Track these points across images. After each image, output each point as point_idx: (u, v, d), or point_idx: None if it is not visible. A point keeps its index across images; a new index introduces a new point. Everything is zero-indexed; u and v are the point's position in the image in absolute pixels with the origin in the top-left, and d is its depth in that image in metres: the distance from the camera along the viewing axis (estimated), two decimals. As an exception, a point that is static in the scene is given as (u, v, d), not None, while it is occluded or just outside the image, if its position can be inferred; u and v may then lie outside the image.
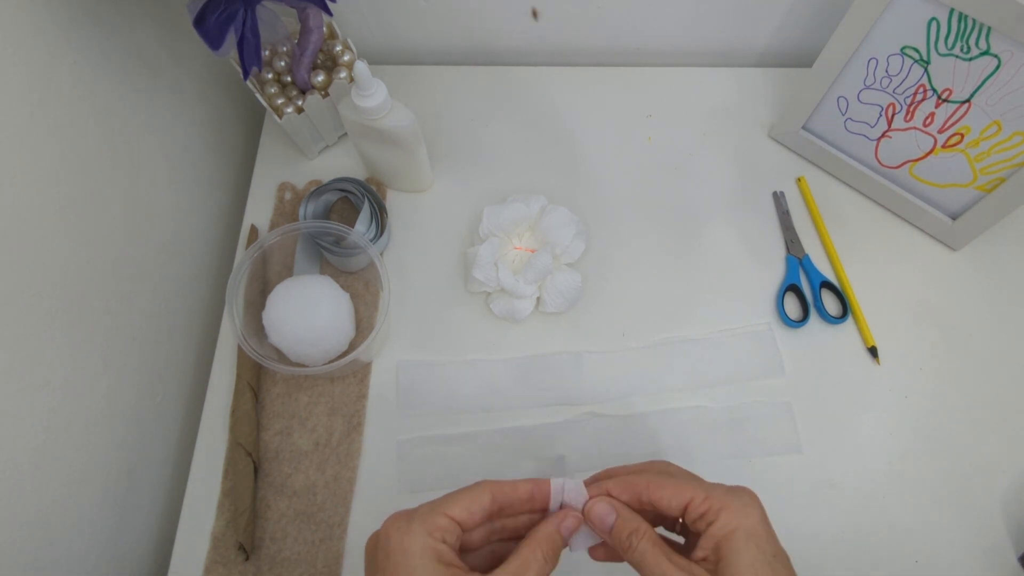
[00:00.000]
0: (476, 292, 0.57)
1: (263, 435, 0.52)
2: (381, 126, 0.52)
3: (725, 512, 0.32)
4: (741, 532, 0.31)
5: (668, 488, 0.33)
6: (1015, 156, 0.52)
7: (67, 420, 0.42)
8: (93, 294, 0.44)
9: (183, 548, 0.48)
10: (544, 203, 0.57)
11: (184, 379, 0.56)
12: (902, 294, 0.59)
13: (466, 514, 0.32)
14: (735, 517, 0.31)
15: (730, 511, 0.32)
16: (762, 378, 0.55)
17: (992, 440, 0.53)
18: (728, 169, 0.65)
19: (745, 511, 0.32)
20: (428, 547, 0.30)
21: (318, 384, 0.54)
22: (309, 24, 0.53)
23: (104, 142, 0.45)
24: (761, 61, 0.73)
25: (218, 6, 0.43)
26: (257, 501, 0.50)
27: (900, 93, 0.55)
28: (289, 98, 0.57)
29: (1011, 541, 0.50)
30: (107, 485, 0.46)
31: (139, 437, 0.50)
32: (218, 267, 0.62)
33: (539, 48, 0.71)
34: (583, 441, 0.52)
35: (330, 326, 0.50)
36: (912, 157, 0.58)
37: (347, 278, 0.57)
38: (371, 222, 0.55)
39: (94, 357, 0.44)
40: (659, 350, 0.56)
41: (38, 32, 0.39)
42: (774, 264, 0.60)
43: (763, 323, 0.57)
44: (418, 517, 0.31)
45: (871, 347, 0.56)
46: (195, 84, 0.58)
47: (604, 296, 0.58)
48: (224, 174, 0.64)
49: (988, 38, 0.48)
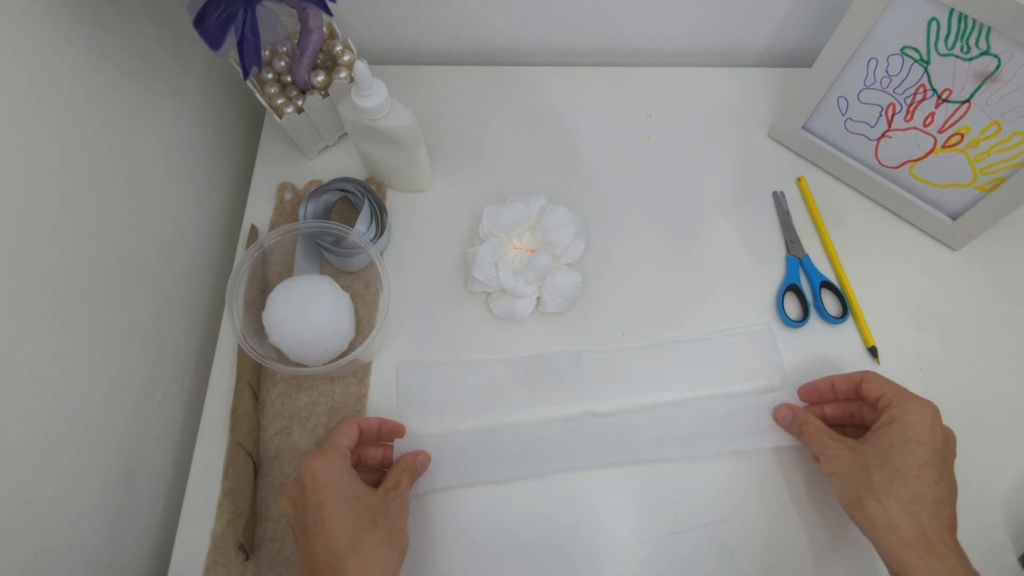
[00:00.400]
0: (476, 292, 0.57)
1: (263, 435, 0.52)
2: (381, 126, 0.52)
3: (897, 407, 0.44)
4: (900, 421, 0.43)
5: (872, 383, 0.47)
6: (1015, 156, 0.52)
7: (67, 420, 0.42)
8: (93, 294, 0.44)
9: (183, 548, 0.48)
10: (544, 203, 0.57)
11: (184, 379, 0.56)
12: (902, 294, 0.59)
13: (347, 440, 0.44)
14: (903, 412, 0.44)
15: (902, 407, 0.44)
16: (762, 378, 0.55)
17: (992, 440, 0.53)
18: (728, 169, 0.65)
19: (917, 410, 0.43)
20: (345, 465, 0.42)
21: (318, 384, 0.54)
22: (309, 24, 0.53)
23: (104, 142, 0.45)
24: (761, 61, 0.73)
25: (218, 6, 0.43)
26: (257, 501, 0.50)
27: (900, 93, 0.55)
28: (289, 98, 0.57)
29: (1011, 541, 0.50)
30: (107, 485, 0.46)
31: (139, 437, 0.50)
32: (218, 267, 0.62)
33: (539, 48, 0.71)
34: (583, 440, 0.52)
35: (330, 326, 0.50)
36: (912, 157, 0.58)
37: (347, 278, 0.57)
38: (371, 222, 0.55)
39: (94, 357, 0.44)
40: (659, 350, 0.56)
41: (38, 32, 0.39)
42: (774, 264, 0.60)
43: (763, 323, 0.57)
44: (326, 449, 0.43)
45: (871, 347, 0.56)
46: (195, 84, 0.58)
47: (604, 296, 0.58)
48: (224, 174, 0.64)
49: (988, 38, 0.48)
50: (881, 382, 0.47)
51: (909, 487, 0.41)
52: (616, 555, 0.49)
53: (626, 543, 0.49)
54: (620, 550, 0.49)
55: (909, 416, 0.43)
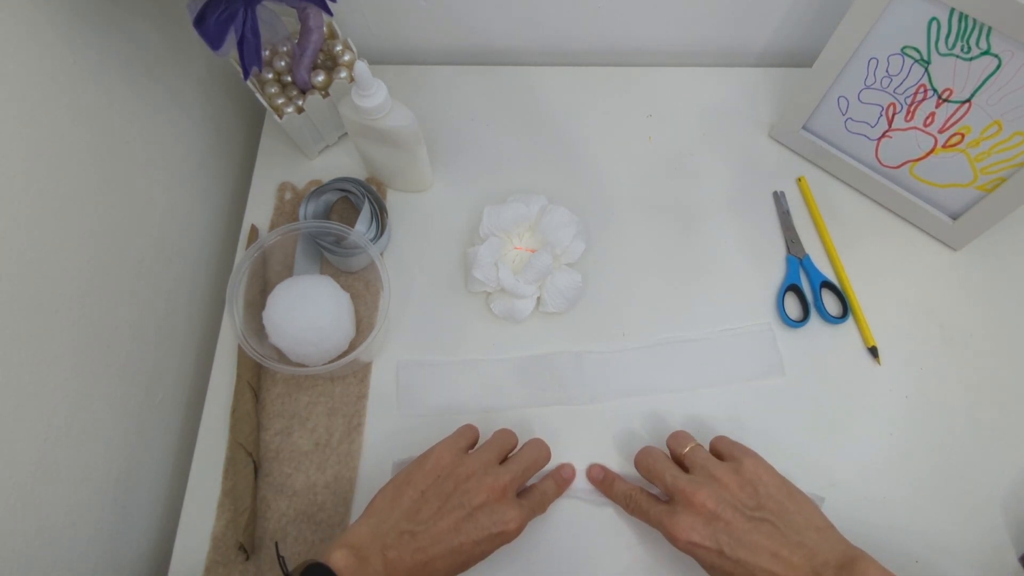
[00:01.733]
0: (476, 292, 0.57)
1: (263, 435, 0.52)
2: (381, 126, 0.52)
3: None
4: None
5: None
6: (1015, 156, 0.52)
7: (67, 420, 0.42)
8: (93, 294, 0.44)
9: (183, 548, 0.48)
10: (544, 203, 0.57)
11: (184, 379, 0.56)
12: (902, 294, 0.59)
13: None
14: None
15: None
16: (762, 378, 0.55)
17: (992, 440, 0.53)
18: (728, 169, 0.65)
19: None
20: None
21: (318, 384, 0.54)
22: (309, 24, 0.53)
23: (104, 142, 0.45)
24: (761, 61, 0.73)
25: (218, 6, 0.43)
26: (257, 501, 0.50)
27: (900, 93, 0.55)
28: (289, 98, 0.57)
29: (1011, 541, 0.50)
30: (107, 485, 0.46)
31: (139, 437, 0.50)
32: (218, 267, 0.62)
33: (539, 48, 0.71)
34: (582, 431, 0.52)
35: (330, 326, 0.50)
36: (912, 157, 0.58)
37: (347, 278, 0.57)
38: (371, 222, 0.55)
39: (94, 357, 0.44)
40: (659, 350, 0.56)
41: (38, 32, 0.39)
42: (774, 264, 0.60)
43: (763, 323, 0.57)
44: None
45: (871, 347, 0.56)
46: (195, 84, 0.58)
47: (604, 296, 0.58)
48: (224, 174, 0.64)
49: (988, 38, 0.48)
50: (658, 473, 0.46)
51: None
52: (616, 555, 0.49)
53: (626, 543, 0.49)
54: (620, 550, 0.49)
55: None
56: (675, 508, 0.43)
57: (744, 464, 0.44)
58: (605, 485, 0.50)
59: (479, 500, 0.42)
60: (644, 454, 0.48)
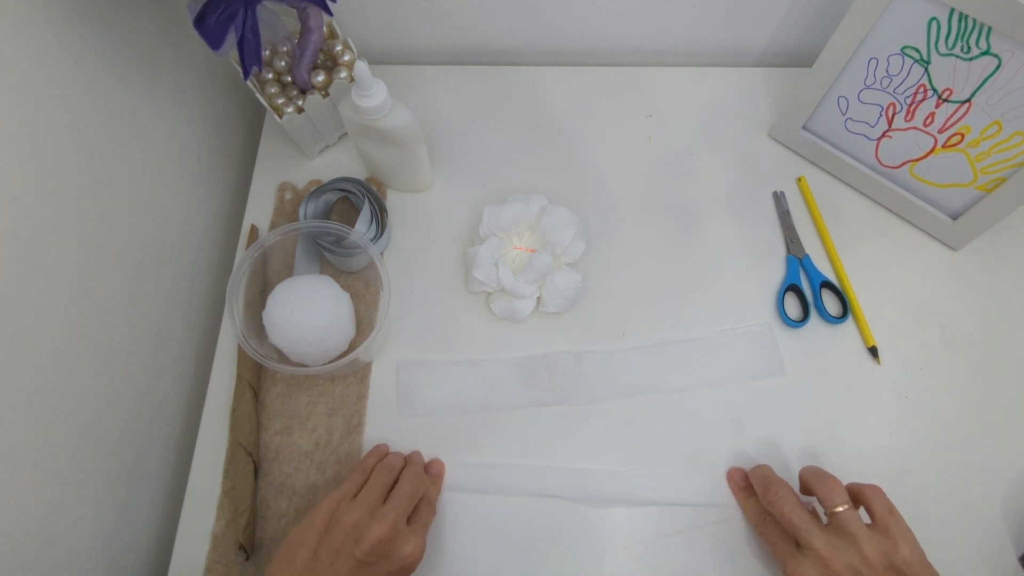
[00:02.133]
0: (476, 292, 0.57)
1: (263, 435, 0.52)
2: (381, 126, 0.52)
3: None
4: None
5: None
6: (1015, 156, 0.52)
7: (67, 420, 0.42)
8: (93, 293, 0.44)
9: (183, 548, 0.49)
10: (544, 203, 0.57)
11: (184, 379, 0.56)
12: (902, 294, 0.59)
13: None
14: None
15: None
16: (762, 378, 0.55)
17: (992, 440, 0.53)
18: (728, 169, 0.65)
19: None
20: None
21: (318, 384, 0.54)
22: (309, 24, 0.53)
23: (103, 142, 0.45)
24: (761, 61, 0.73)
25: (218, 6, 0.43)
26: (257, 501, 0.50)
27: (900, 93, 0.55)
28: (289, 98, 0.57)
29: (1011, 541, 0.50)
30: (107, 485, 0.46)
31: (139, 437, 0.50)
32: (218, 267, 0.62)
33: (539, 48, 0.71)
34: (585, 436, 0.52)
35: (330, 326, 0.50)
36: (912, 157, 0.58)
37: (347, 278, 0.57)
38: (371, 222, 0.55)
39: (94, 357, 0.44)
40: (659, 350, 0.56)
41: (38, 32, 0.39)
42: (774, 264, 0.60)
43: (763, 323, 0.57)
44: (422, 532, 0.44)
45: (871, 347, 0.56)
46: (195, 84, 0.58)
47: (604, 296, 0.58)
48: (224, 174, 0.64)
49: (988, 38, 0.48)
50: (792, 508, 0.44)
51: None
52: (616, 555, 0.49)
53: (626, 543, 0.49)
54: (620, 550, 0.49)
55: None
56: (803, 557, 0.42)
57: (900, 550, 0.41)
58: (741, 496, 0.50)
59: (368, 546, 0.41)
60: (772, 490, 0.46)
